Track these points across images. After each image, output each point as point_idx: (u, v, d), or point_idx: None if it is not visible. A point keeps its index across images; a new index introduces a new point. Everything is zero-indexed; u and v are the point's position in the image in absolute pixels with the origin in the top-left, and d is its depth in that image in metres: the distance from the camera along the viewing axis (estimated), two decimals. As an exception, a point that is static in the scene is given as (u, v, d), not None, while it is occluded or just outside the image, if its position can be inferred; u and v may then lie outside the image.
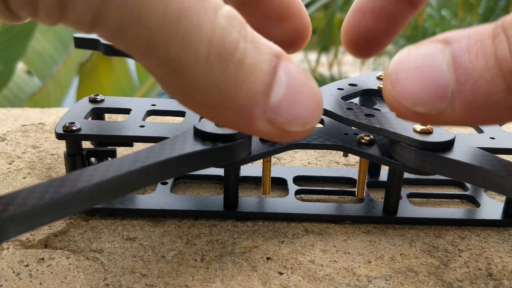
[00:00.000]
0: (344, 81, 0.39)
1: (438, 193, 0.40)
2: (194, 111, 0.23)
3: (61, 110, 0.57)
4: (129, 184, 0.26)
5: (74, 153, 0.35)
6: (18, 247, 0.33)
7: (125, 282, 0.30)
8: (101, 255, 0.32)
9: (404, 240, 0.35)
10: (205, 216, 0.36)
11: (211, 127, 0.30)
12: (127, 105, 0.38)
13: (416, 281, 0.31)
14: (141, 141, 0.34)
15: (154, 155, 0.27)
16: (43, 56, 1.24)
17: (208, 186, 0.41)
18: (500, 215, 0.37)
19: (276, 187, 0.41)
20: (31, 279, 0.30)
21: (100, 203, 0.25)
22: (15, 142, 0.48)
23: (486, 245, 0.35)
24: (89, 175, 0.25)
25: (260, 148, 0.33)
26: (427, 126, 0.31)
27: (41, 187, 0.23)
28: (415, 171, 0.31)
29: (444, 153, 0.29)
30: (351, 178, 0.42)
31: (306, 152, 0.48)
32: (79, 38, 0.47)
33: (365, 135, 0.34)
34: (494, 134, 0.36)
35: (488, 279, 0.31)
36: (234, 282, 0.30)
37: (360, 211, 0.37)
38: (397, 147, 0.31)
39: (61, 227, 0.35)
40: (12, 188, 0.40)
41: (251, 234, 0.35)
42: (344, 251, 0.33)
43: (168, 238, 0.34)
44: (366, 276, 0.31)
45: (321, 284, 0.30)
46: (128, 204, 0.36)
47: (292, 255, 0.33)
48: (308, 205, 0.37)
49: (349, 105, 0.34)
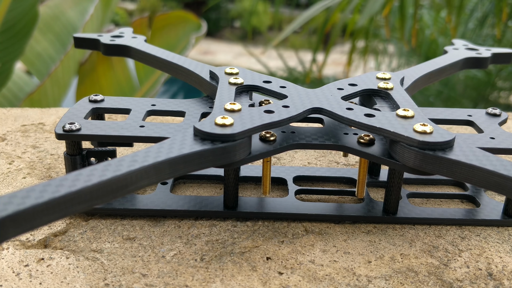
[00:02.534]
0: (344, 81, 0.39)
1: (438, 193, 0.40)
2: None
3: (61, 110, 0.57)
4: (129, 184, 0.26)
5: (74, 153, 0.35)
6: (18, 247, 0.33)
7: (125, 282, 0.30)
8: (101, 255, 0.32)
9: (404, 240, 0.35)
10: (205, 216, 0.36)
11: (210, 127, 0.30)
12: (127, 105, 0.38)
13: (416, 281, 0.31)
14: (141, 141, 0.34)
15: (153, 155, 0.27)
16: (44, 57, 1.24)
17: (208, 186, 0.41)
18: (500, 215, 0.37)
19: (276, 187, 0.41)
20: (31, 279, 0.30)
21: (99, 203, 0.25)
22: (15, 142, 0.48)
23: (486, 245, 0.35)
24: (89, 175, 0.25)
25: (260, 148, 0.33)
26: (427, 126, 0.31)
27: (40, 187, 0.23)
28: (415, 171, 0.31)
29: (444, 153, 0.29)
30: (351, 178, 0.42)
31: (306, 152, 0.48)
32: (79, 38, 0.47)
33: (365, 135, 0.34)
34: (494, 134, 0.36)
35: (488, 279, 0.31)
36: (234, 282, 0.30)
37: (360, 211, 0.37)
38: (397, 147, 0.31)
39: (61, 227, 0.35)
40: (12, 188, 0.40)
41: (251, 234, 0.35)
42: (344, 251, 0.33)
43: (168, 238, 0.34)
44: (366, 276, 0.31)
45: (321, 284, 0.30)
46: (128, 204, 0.36)
47: (292, 255, 0.33)
48: (308, 205, 0.37)
49: (349, 105, 0.34)
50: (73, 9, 1.28)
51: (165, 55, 0.43)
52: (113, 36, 0.47)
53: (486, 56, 0.46)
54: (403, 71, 0.42)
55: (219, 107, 0.33)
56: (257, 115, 0.32)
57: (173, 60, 0.42)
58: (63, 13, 1.26)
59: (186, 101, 0.40)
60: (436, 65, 0.44)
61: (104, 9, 1.37)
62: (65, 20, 1.26)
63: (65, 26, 1.26)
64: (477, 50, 0.48)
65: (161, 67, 0.43)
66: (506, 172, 0.28)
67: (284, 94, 0.36)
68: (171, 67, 0.42)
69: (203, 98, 0.40)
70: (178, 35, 1.36)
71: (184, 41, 1.34)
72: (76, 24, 1.27)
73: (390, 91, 0.37)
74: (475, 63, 0.47)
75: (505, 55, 0.48)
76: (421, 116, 0.33)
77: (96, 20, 1.30)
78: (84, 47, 0.48)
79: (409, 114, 0.33)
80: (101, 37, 0.46)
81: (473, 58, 0.46)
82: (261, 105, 0.38)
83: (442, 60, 0.45)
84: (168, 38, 1.34)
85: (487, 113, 0.40)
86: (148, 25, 1.31)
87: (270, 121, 0.31)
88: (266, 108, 0.33)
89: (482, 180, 0.29)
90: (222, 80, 0.38)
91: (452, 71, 0.46)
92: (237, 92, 0.37)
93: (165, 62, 0.43)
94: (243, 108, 0.33)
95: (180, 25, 1.37)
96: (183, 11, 1.87)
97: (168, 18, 1.37)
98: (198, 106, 0.39)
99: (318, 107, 0.34)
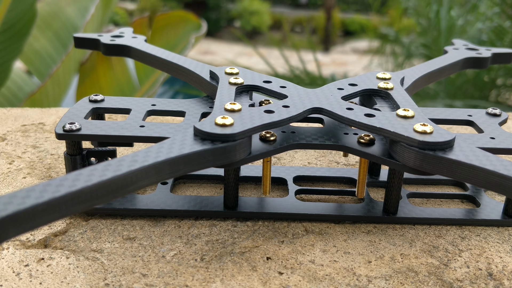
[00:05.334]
0: (344, 81, 0.39)
1: (438, 193, 0.40)
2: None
3: (61, 110, 0.57)
4: (129, 184, 0.26)
5: (74, 153, 0.35)
6: (18, 247, 0.33)
7: (125, 282, 0.30)
8: (101, 255, 0.32)
9: (404, 240, 0.35)
10: (205, 216, 0.36)
11: (210, 127, 0.30)
12: (127, 105, 0.38)
13: (416, 281, 0.31)
14: (141, 141, 0.34)
15: (153, 155, 0.27)
16: (42, 56, 1.24)
17: (208, 186, 0.41)
18: (500, 215, 0.37)
19: (276, 187, 0.41)
20: (31, 279, 0.30)
21: (100, 203, 0.25)
22: (15, 142, 0.48)
23: (486, 245, 0.35)
24: (89, 175, 0.25)
25: (260, 148, 0.33)
26: (428, 126, 0.31)
27: (40, 187, 0.23)
28: (415, 171, 0.31)
29: (444, 153, 0.29)
30: (351, 178, 0.42)
31: (306, 152, 0.48)
32: (79, 38, 0.47)
33: (365, 135, 0.34)
34: (494, 134, 0.36)
35: (488, 279, 0.31)
36: (234, 282, 0.30)
37: (360, 211, 0.37)
38: (397, 147, 0.31)
39: (61, 227, 0.35)
40: (12, 188, 0.40)
41: (251, 234, 0.35)
42: (344, 251, 0.33)
43: (168, 238, 0.34)
44: (366, 276, 0.31)
45: (321, 284, 0.30)
46: (128, 204, 0.36)
47: (292, 255, 0.33)
48: (308, 205, 0.37)
49: (349, 105, 0.34)
50: (72, 6, 1.28)
51: (165, 55, 0.43)
52: (113, 36, 0.47)
53: (486, 56, 0.46)
54: (403, 71, 0.42)
55: (219, 107, 0.33)
56: (257, 115, 0.32)
57: (173, 60, 0.42)
58: (62, 10, 1.25)
59: (186, 101, 0.40)
60: (436, 65, 0.44)
61: (104, 9, 1.37)
62: (63, 18, 1.26)
63: (64, 23, 1.26)
64: (477, 50, 0.48)
65: (161, 67, 0.43)
66: (506, 172, 0.28)
67: (284, 94, 0.36)
68: (171, 67, 0.42)
69: (203, 98, 0.40)
70: (178, 35, 1.36)
71: (184, 41, 1.34)
72: (75, 22, 1.27)
73: (390, 91, 0.37)
74: (475, 63, 0.47)
75: (505, 55, 0.48)
76: (421, 116, 0.33)
77: (97, 19, 1.30)
78: (84, 47, 0.48)
79: (409, 114, 0.33)
80: (101, 37, 0.46)
81: (473, 58, 0.46)
82: (261, 105, 0.38)
83: (442, 60, 0.45)
84: (168, 38, 1.33)
85: (487, 113, 0.40)
86: (148, 25, 1.31)
87: (270, 121, 0.31)
88: (266, 108, 0.33)
89: (482, 180, 0.29)
90: (222, 80, 0.38)
91: (452, 71, 0.46)
92: (237, 92, 0.37)
93: (165, 62, 0.43)
94: (243, 108, 0.33)
95: (180, 25, 1.37)
96: (183, 11, 1.87)
97: (168, 18, 1.37)
98: (198, 106, 0.39)
99: (318, 107, 0.34)
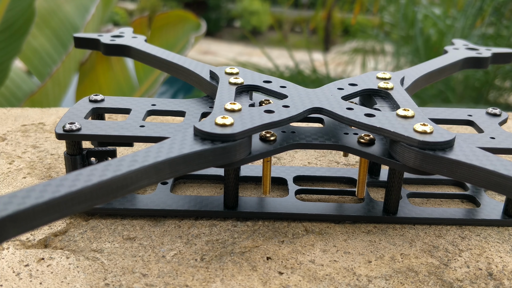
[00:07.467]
0: (344, 81, 0.39)
1: (438, 193, 0.40)
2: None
3: (61, 110, 0.57)
4: (129, 184, 0.26)
5: (74, 153, 0.35)
6: (18, 247, 0.33)
7: (125, 282, 0.30)
8: (101, 255, 0.32)
9: (404, 240, 0.35)
10: (205, 216, 0.36)
11: (211, 127, 0.30)
12: (127, 105, 0.38)
13: (416, 281, 0.31)
14: (141, 141, 0.34)
15: (153, 155, 0.27)
16: (41, 54, 1.24)
17: (208, 186, 0.41)
18: (500, 215, 0.37)
19: (276, 187, 0.41)
20: (31, 279, 0.30)
21: (100, 203, 0.25)
22: (15, 142, 0.48)
23: (486, 245, 0.35)
24: (89, 175, 0.25)
25: (260, 148, 0.33)
26: (428, 126, 0.31)
27: (40, 187, 0.23)
28: (415, 171, 0.31)
29: (444, 153, 0.29)
30: (351, 178, 0.42)
31: (306, 152, 0.48)
32: (79, 38, 0.47)
33: (365, 135, 0.34)
34: (494, 134, 0.36)
35: (488, 279, 0.31)
36: (234, 282, 0.30)
37: (360, 211, 0.37)
38: (397, 147, 0.31)
39: (61, 227, 0.35)
40: (12, 188, 0.40)
41: (251, 234, 0.35)
42: (344, 251, 0.33)
43: (168, 238, 0.34)
44: (366, 276, 0.31)
45: (321, 284, 0.30)
46: (128, 204, 0.36)
47: (292, 255, 0.33)
48: (308, 205, 0.37)
49: (349, 105, 0.34)
50: (70, 3, 1.27)
51: (165, 55, 0.43)
52: (113, 36, 0.47)
53: (486, 56, 0.46)
54: (403, 71, 0.42)
55: (219, 107, 0.33)
56: (257, 115, 0.32)
57: (173, 60, 0.42)
58: (60, 7, 1.25)
59: (186, 101, 0.40)
60: (436, 65, 0.44)
61: (104, 8, 1.36)
62: (62, 15, 1.25)
63: (62, 21, 1.25)
64: (477, 50, 0.48)
65: (161, 67, 0.43)
66: (506, 172, 0.28)
67: (284, 94, 0.36)
68: (171, 67, 0.42)
69: (203, 98, 0.40)
70: (177, 35, 1.36)
71: (183, 40, 1.34)
72: (73, 20, 1.27)
73: (390, 91, 0.37)
74: (475, 63, 0.47)
75: (505, 55, 0.48)
76: (421, 116, 0.33)
77: (97, 19, 1.30)
78: (84, 47, 0.48)
79: (409, 114, 0.33)
80: (101, 37, 0.46)
81: (473, 58, 0.46)
82: (261, 105, 0.38)
83: (442, 60, 0.45)
84: (167, 37, 1.33)
85: (487, 113, 0.40)
86: (148, 25, 1.31)
87: (270, 121, 0.31)
88: (266, 108, 0.33)
89: (482, 180, 0.29)
90: (222, 80, 0.38)
91: (452, 71, 0.46)
92: (237, 92, 0.37)
93: (165, 62, 0.43)
94: (243, 108, 0.33)
95: (179, 24, 1.37)
96: (182, 10, 1.87)
97: (167, 18, 1.37)
98: (198, 106, 0.39)
99: (318, 107, 0.34)
